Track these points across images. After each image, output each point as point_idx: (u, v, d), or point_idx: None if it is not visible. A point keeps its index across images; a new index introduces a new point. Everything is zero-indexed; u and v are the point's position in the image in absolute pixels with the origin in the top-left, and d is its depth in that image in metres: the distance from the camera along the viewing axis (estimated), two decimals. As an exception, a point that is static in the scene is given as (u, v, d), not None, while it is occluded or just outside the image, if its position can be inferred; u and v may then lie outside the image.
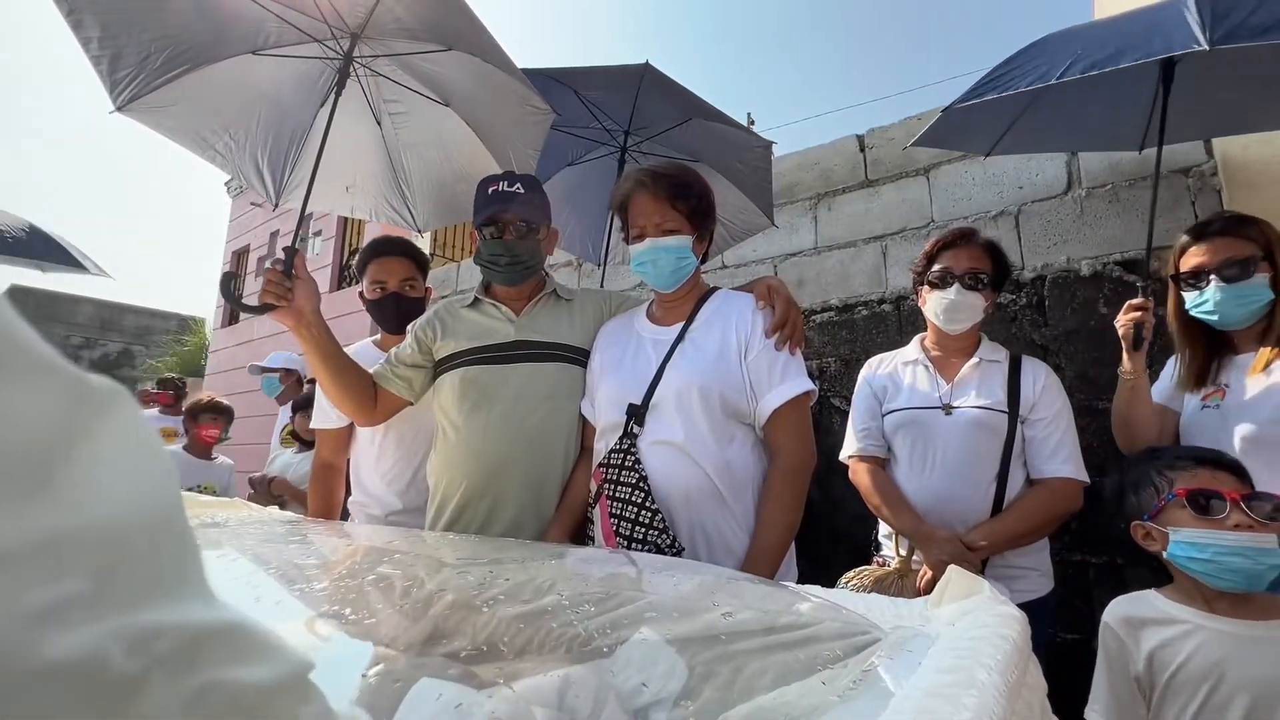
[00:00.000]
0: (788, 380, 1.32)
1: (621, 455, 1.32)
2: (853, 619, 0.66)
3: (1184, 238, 1.59)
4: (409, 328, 1.64)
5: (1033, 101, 2.02)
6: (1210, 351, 1.56)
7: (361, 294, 1.96)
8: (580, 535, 1.45)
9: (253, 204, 8.54)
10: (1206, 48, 1.35)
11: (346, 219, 7.39)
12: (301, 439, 3.28)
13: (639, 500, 1.27)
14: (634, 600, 0.78)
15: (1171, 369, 1.66)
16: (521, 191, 1.53)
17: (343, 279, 7.16)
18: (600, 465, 1.36)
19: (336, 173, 1.86)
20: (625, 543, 1.26)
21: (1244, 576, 1.02)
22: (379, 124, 2.07)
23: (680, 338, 1.40)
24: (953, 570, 0.69)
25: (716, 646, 0.66)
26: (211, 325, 9.83)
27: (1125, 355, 1.60)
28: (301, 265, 1.45)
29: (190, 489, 3.13)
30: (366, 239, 6.80)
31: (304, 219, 1.80)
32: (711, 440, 1.30)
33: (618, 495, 1.30)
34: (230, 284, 1.82)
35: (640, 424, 1.33)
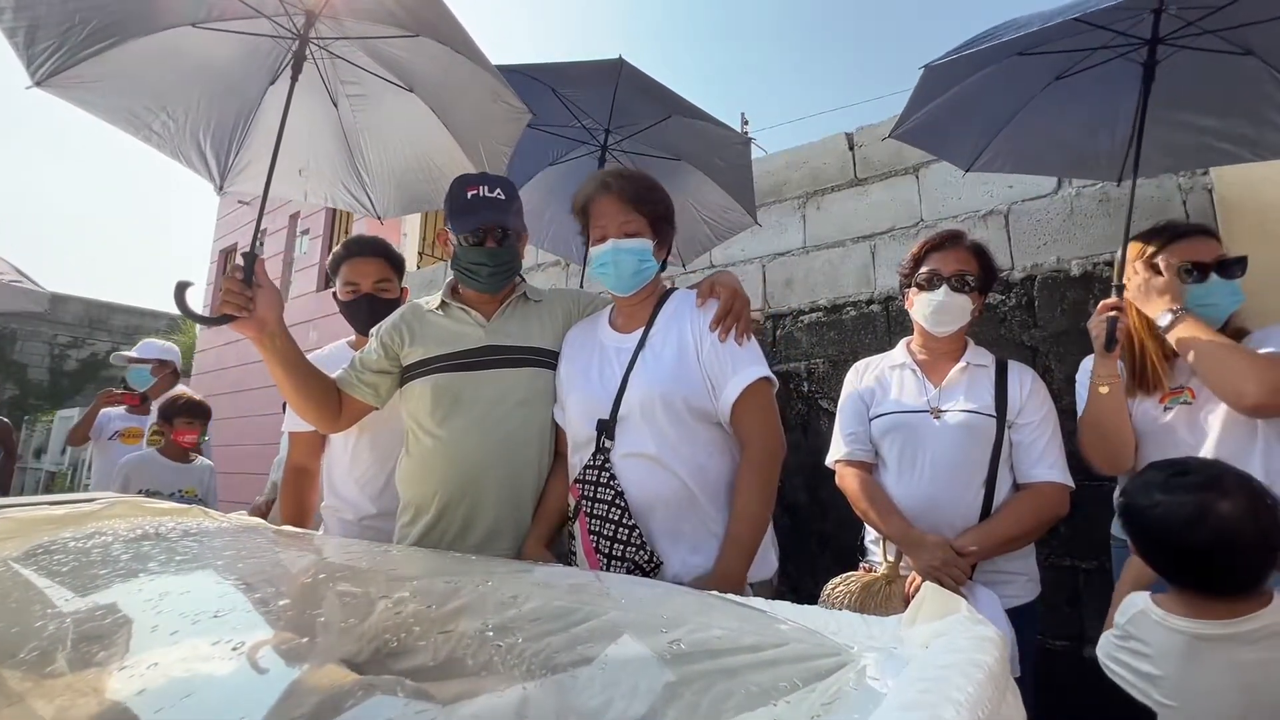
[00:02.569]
0: (740, 371, 1.30)
1: (596, 471, 1.31)
2: (822, 641, 0.63)
3: (1154, 240, 1.56)
4: (372, 332, 1.59)
5: (1015, 115, 1.99)
6: (1164, 356, 1.54)
7: (335, 294, 1.91)
8: (557, 544, 1.43)
9: (240, 202, 8.46)
10: None
11: (335, 217, 7.31)
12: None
13: (615, 517, 1.26)
14: (597, 618, 0.74)
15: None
16: (502, 197, 1.49)
17: (330, 278, 7.08)
18: (576, 481, 1.35)
19: (288, 155, 1.71)
20: (605, 560, 1.26)
21: None
22: (335, 105, 1.97)
23: (641, 346, 1.38)
24: (928, 588, 0.65)
25: (681, 668, 0.63)
26: (200, 325, 9.75)
27: (1097, 359, 1.55)
28: (262, 272, 1.39)
29: (170, 495, 3.06)
30: (355, 238, 6.74)
31: (262, 221, 1.69)
32: (683, 446, 1.29)
33: (595, 512, 1.29)
34: (184, 294, 1.69)
35: (611, 438, 1.32)
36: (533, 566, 0.88)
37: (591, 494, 1.30)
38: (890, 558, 1.61)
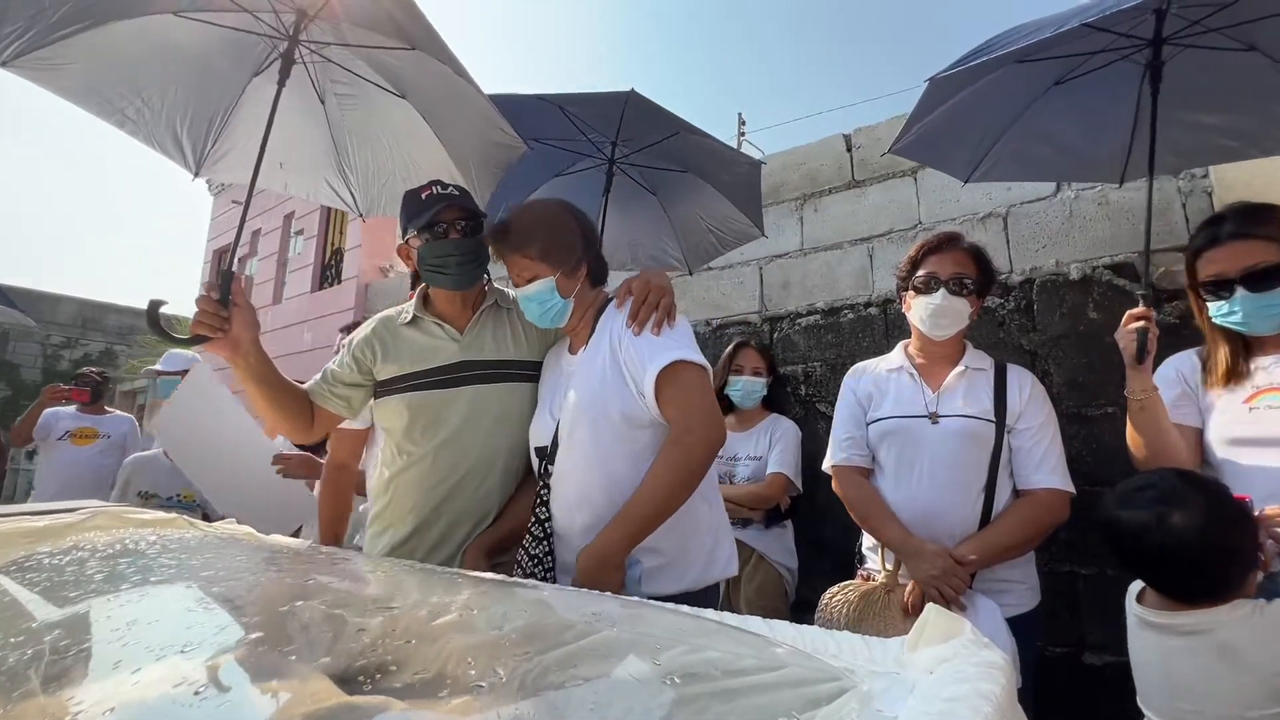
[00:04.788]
0: (654, 359, 1.23)
1: (536, 498, 1.33)
2: (821, 665, 0.60)
3: (1196, 240, 1.48)
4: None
5: (1013, 123, 1.97)
6: (1240, 347, 1.43)
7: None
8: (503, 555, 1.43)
9: (234, 202, 8.40)
10: None
11: (329, 218, 7.26)
12: None
13: (527, 545, 1.30)
14: (589, 637, 0.72)
15: (1174, 377, 1.52)
16: (457, 194, 1.47)
17: (325, 278, 7.03)
18: None
19: (270, 148, 1.65)
20: None
21: None
22: (322, 102, 1.93)
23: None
24: (931, 610, 0.63)
25: (674, 690, 0.61)
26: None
27: (1129, 373, 1.46)
28: (239, 291, 1.35)
29: (169, 499, 3.03)
30: (349, 238, 6.70)
31: (241, 235, 1.65)
32: (598, 462, 1.26)
33: (524, 543, 1.32)
34: (157, 313, 1.43)
35: (552, 462, 1.32)
36: (523, 583, 0.86)
37: (529, 522, 1.33)
38: (889, 566, 1.59)
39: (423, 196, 1.45)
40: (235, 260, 1.51)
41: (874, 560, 1.68)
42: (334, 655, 0.68)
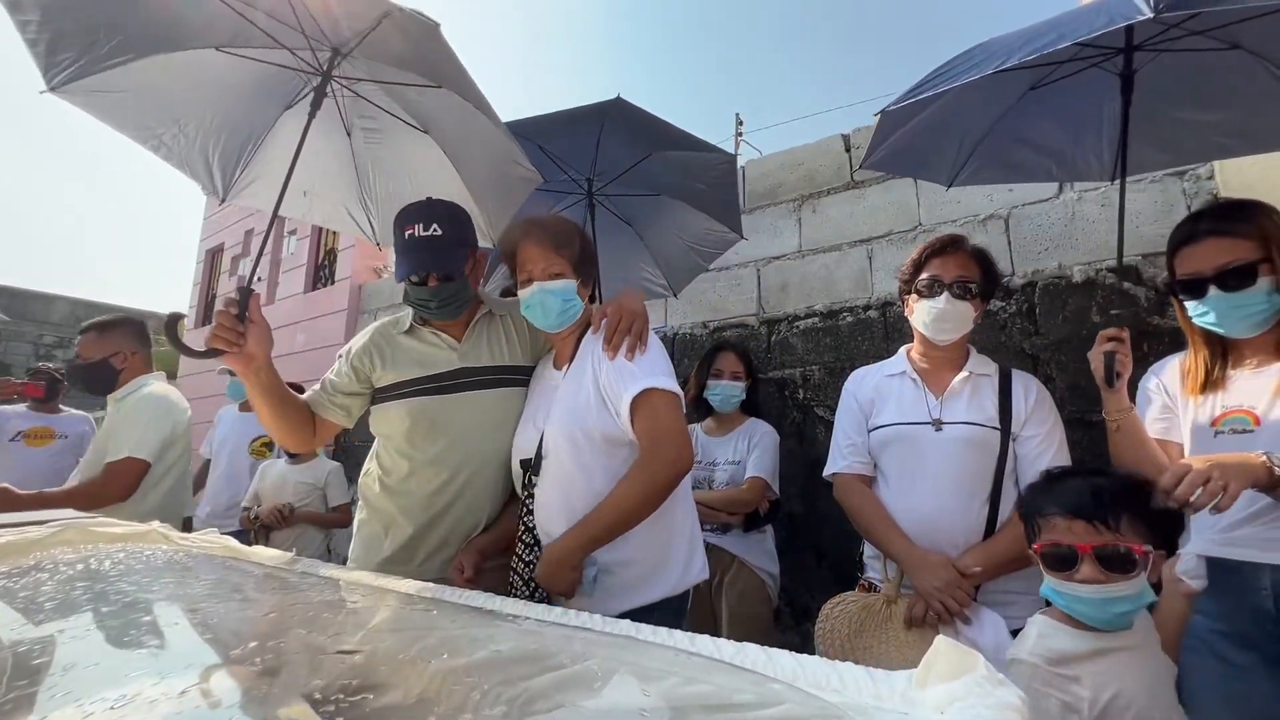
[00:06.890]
0: (628, 386, 1.30)
1: (522, 508, 1.38)
2: (822, 703, 0.56)
3: (1175, 237, 1.42)
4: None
5: (990, 130, 1.94)
6: (1223, 355, 1.36)
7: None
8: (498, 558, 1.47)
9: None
10: (1150, 15, 1.22)
11: (324, 218, 7.21)
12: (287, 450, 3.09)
13: (520, 553, 1.34)
14: (577, 664, 0.68)
15: (1155, 389, 1.47)
16: (439, 233, 1.47)
17: (318, 279, 6.97)
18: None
19: (295, 175, 1.74)
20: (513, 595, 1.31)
21: (1095, 620, 1.11)
22: (348, 135, 2.02)
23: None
24: (941, 643, 0.58)
25: (667, 724, 0.57)
26: (188, 325, 9.62)
27: (1103, 395, 1.44)
28: (256, 308, 1.38)
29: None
30: (343, 239, 6.65)
31: (258, 266, 1.71)
32: (580, 476, 1.32)
33: (516, 549, 1.36)
34: (175, 327, 1.51)
35: (537, 474, 1.36)
36: (505, 608, 0.82)
37: (518, 531, 1.37)
38: (891, 576, 1.55)
39: (405, 235, 1.47)
40: (253, 279, 1.54)
41: (876, 569, 1.64)
42: (310, 680, 0.65)
